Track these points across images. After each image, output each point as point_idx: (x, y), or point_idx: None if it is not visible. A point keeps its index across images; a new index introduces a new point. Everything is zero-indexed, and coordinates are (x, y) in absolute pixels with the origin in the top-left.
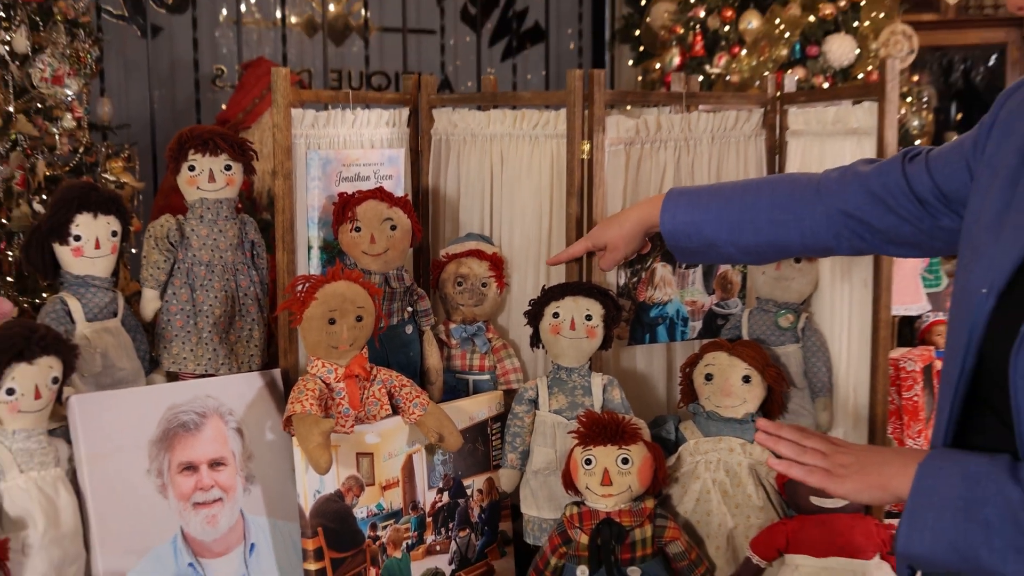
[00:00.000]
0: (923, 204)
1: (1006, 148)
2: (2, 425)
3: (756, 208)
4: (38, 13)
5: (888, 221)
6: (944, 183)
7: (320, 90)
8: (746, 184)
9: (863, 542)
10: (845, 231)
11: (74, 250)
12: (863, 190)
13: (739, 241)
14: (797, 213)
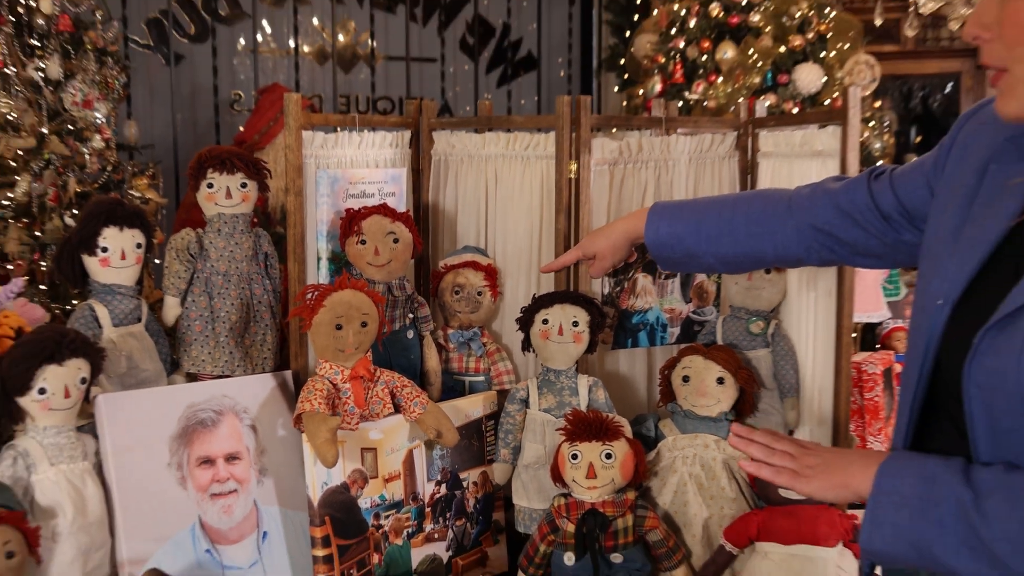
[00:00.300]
0: (887, 219)
1: (964, 168)
2: (34, 422)
3: (733, 222)
4: (70, 42)
5: (855, 235)
6: (907, 200)
7: (329, 114)
8: (724, 199)
9: (827, 531)
10: (815, 244)
11: (101, 260)
12: (832, 206)
13: (718, 252)
14: (771, 227)
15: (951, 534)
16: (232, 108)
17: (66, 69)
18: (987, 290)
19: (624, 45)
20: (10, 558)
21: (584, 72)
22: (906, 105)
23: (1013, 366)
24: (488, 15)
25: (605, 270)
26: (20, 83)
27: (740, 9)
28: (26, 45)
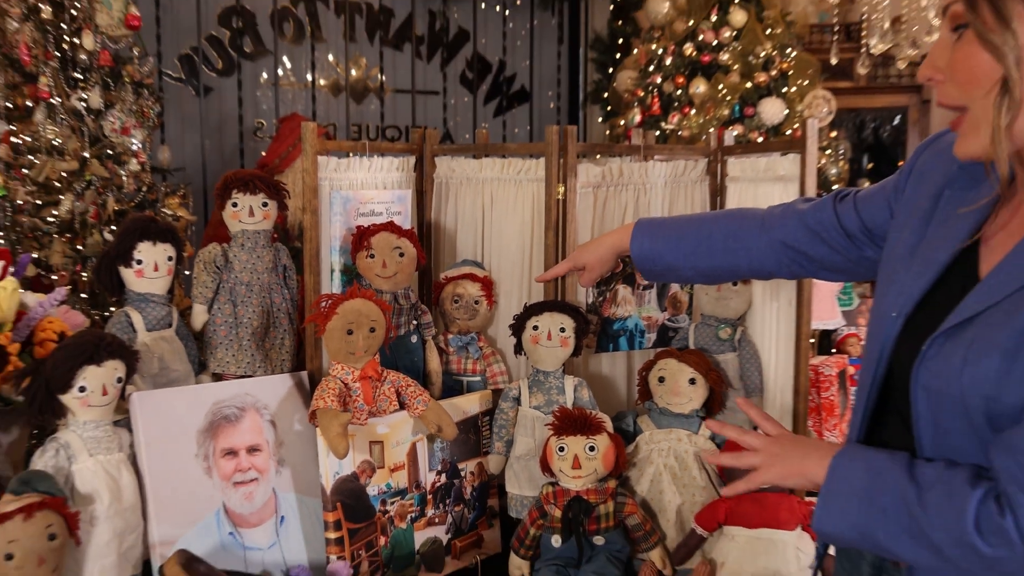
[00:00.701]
0: (851, 238)
1: (921, 192)
2: (75, 417)
3: (711, 238)
4: (110, 75)
5: (821, 251)
6: (869, 220)
7: (342, 141)
8: (702, 217)
9: (787, 516)
10: (785, 259)
11: (137, 272)
12: (801, 225)
13: (696, 265)
14: (745, 243)
15: (893, 522)
16: (255, 135)
17: (106, 100)
18: (937, 304)
19: (607, 80)
20: (52, 539)
21: (571, 104)
22: (859, 135)
23: (956, 372)
24: (485, 53)
25: (594, 279)
26: (65, 112)
27: (711, 49)
28: (70, 78)
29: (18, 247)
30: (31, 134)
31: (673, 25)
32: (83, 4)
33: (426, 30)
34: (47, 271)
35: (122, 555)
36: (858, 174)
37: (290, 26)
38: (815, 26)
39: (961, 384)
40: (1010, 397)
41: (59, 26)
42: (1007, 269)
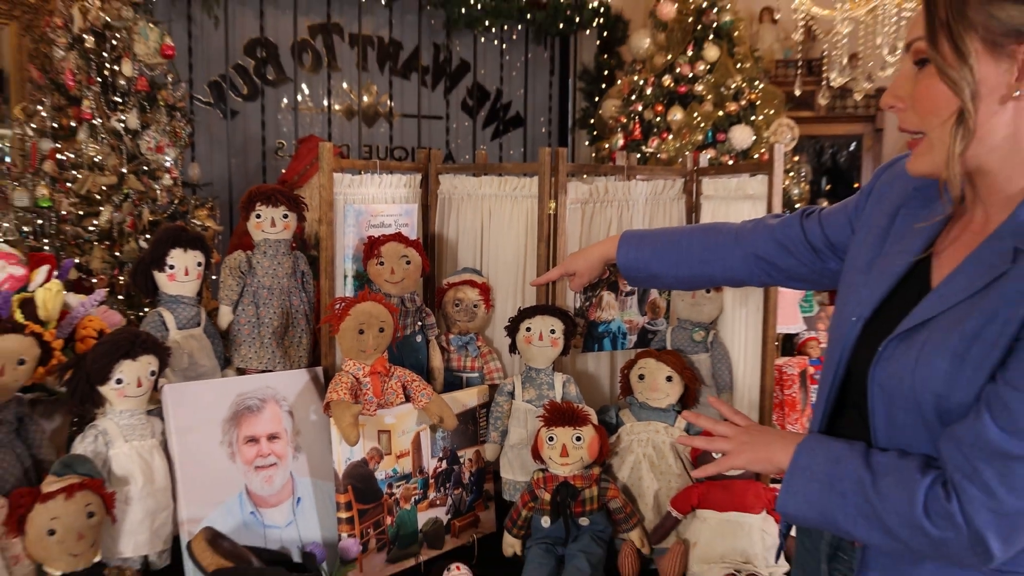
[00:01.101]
0: (816, 251)
1: (879, 211)
2: (112, 406)
3: (690, 250)
4: (146, 99)
5: (789, 263)
6: (832, 235)
7: (355, 160)
8: (682, 230)
9: (754, 501)
10: (756, 269)
11: (169, 276)
12: (771, 239)
13: (676, 274)
14: (720, 254)
15: (851, 505)
16: (276, 154)
17: (143, 121)
18: (893, 310)
19: (594, 108)
20: (91, 517)
21: (561, 129)
22: (819, 160)
23: (909, 371)
24: (484, 82)
25: (583, 284)
26: (105, 132)
27: (687, 80)
28: (110, 101)
29: (62, 253)
30: (75, 151)
31: (653, 59)
32: (122, 35)
33: (431, 61)
34: (88, 275)
35: (154, 532)
36: (817, 194)
37: (309, 57)
38: (780, 61)
39: (913, 382)
40: (958, 395)
41: (101, 54)
42: (957, 280)
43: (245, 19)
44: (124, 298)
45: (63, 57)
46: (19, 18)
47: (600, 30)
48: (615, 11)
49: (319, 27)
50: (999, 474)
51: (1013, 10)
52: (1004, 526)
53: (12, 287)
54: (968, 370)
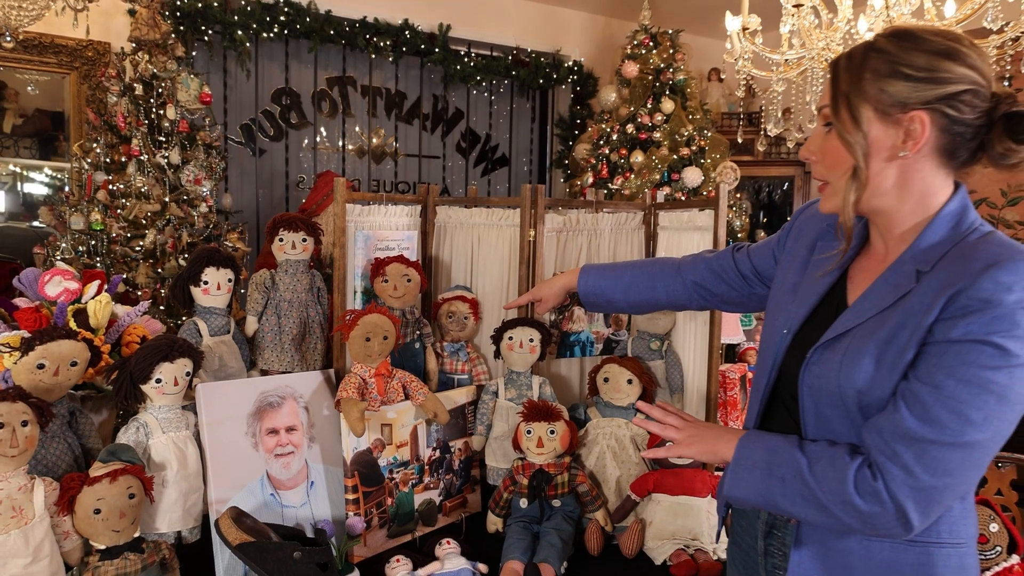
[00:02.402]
0: (745, 279)
1: (800, 243)
2: (152, 402)
3: (639, 279)
4: (186, 139)
5: (721, 289)
6: (759, 265)
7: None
8: (633, 264)
9: (701, 486)
10: (695, 294)
11: (203, 290)
12: (707, 269)
13: (627, 299)
14: (665, 283)
15: (790, 488)
16: (298, 186)
17: (183, 157)
18: (815, 324)
19: (568, 150)
20: (132, 498)
21: (541, 168)
22: (757, 197)
23: (834, 373)
24: (476, 127)
25: (548, 309)
26: (151, 166)
27: (647, 128)
28: (156, 140)
29: (111, 270)
30: (124, 183)
31: (618, 110)
32: (167, 84)
33: (431, 109)
34: (134, 288)
35: (186, 511)
36: (756, 226)
37: (326, 104)
38: (725, 114)
39: (839, 382)
40: (876, 391)
41: (148, 100)
42: (869, 298)
43: (272, 71)
44: (165, 309)
45: (116, 102)
46: (79, 68)
47: (574, 85)
48: (587, 69)
49: (335, 79)
50: (915, 456)
51: (900, 85)
52: (922, 500)
53: (67, 299)
54: (884, 370)
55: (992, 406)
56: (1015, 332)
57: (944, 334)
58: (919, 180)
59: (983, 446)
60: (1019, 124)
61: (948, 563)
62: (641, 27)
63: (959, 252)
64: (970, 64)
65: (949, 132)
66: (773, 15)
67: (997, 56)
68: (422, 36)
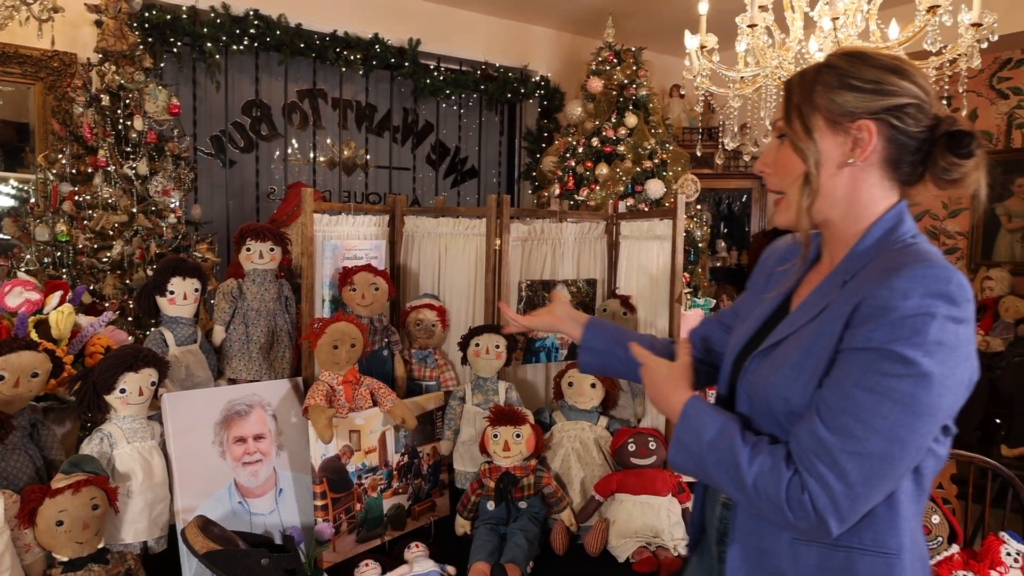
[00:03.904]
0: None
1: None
2: (116, 412)
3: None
4: (155, 150)
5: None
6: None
7: (332, 203)
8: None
9: (661, 486)
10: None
11: (169, 300)
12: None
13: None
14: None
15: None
16: (268, 197)
17: (151, 168)
18: (761, 337)
19: (535, 163)
20: (95, 509)
21: (509, 180)
22: (717, 208)
23: (763, 380)
24: (445, 140)
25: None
26: (118, 177)
27: (611, 142)
28: (123, 151)
29: (78, 280)
30: (91, 194)
31: (584, 124)
32: (134, 95)
33: (401, 122)
34: (101, 300)
35: (152, 521)
36: (716, 236)
37: (297, 116)
38: (686, 128)
39: (766, 389)
40: (798, 399)
41: (115, 111)
42: (803, 308)
43: (242, 84)
44: (133, 320)
45: (81, 113)
46: (44, 79)
47: (541, 99)
48: (553, 84)
49: (306, 91)
50: (828, 465)
51: (848, 96)
52: (839, 508)
53: (28, 310)
54: (803, 378)
55: (898, 415)
56: (915, 340)
57: (849, 342)
58: (866, 189)
59: (891, 455)
60: (960, 141)
61: (874, 571)
62: (605, 44)
63: (878, 261)
64: (914, 81)
65: (894, 143)
66: (730, 34)
67: (936, 77)
68: (392, 50)
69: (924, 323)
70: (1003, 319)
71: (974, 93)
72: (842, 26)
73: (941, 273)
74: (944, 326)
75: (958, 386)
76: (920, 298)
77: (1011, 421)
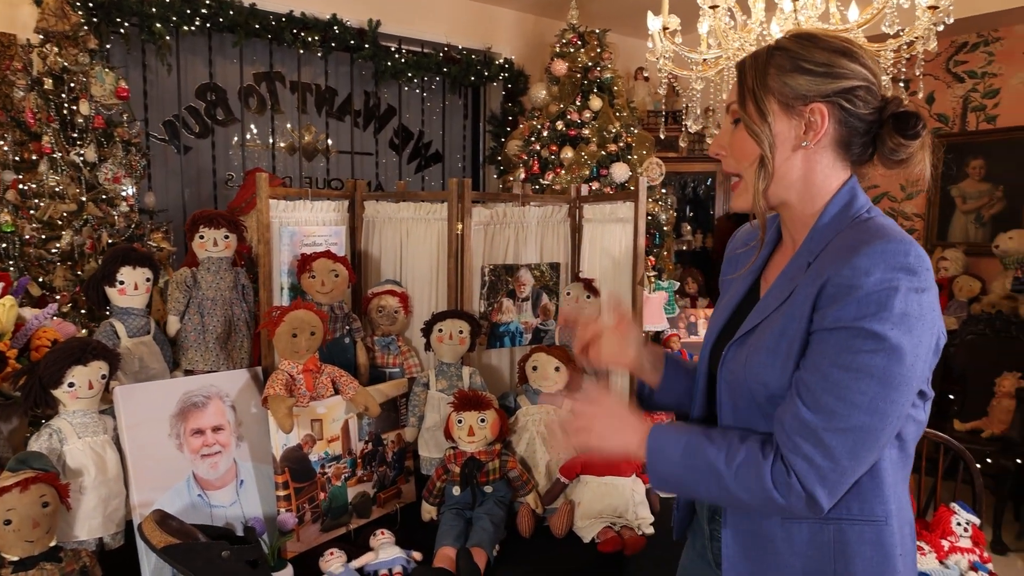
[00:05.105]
0: None
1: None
2: (65, 407)
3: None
4: (103, 135)
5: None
6: None
7: (288, 188)
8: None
9: (626, 467)
10: None
11: (120, 290)
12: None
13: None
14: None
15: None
16: (227, 184)
17: (100, 155)
18: (735, 324)
19: (500, 147)
20: (45, 507)
21: (474, 164)
22: (683, 192)
23: (741, 367)
24: (409, 124)
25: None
26: (65, 164)
27: (576, 125)
28: (69, 137)
29: (25, 272)
30: (36, 182)
31: (548, 107)
32: (79, 78)
33: (362, 106)
34: (51, 292)
35: (107, 516)
36: (681, 219)
37: (254, 100)
38: (650, 112)
39: (746, 376)
40: (777, 383)
41: (60, 95)
42: (772, 293)
43: (195, 66)
44: (85, 312)
45: (23, 97)
46: None
47: (505, 82)
48: (517, 67)
49: (263, 75)
50: (813, 445)
51: (801, 79)
52: (827, 485)
53: None
54: (779, 362)
55: (875, 389)
56: (882, 315)
57: (820, 323)
58: (820, 171)
59: (872, 428)
60: (907, 122)
61: (863, 539)
62: (569, 26)
63: (840, 239)
64: (863, 64)
65: (845, 125)
66: (693, 16)
67: (894, 59)
68: (351, 32)
69: (888, 297)
70: (957, 298)
71: (931, 76)
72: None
73: (899, 247)
74: (908, 297)
75: (927, 353)
76: (882, 273)
77: (964, 397)
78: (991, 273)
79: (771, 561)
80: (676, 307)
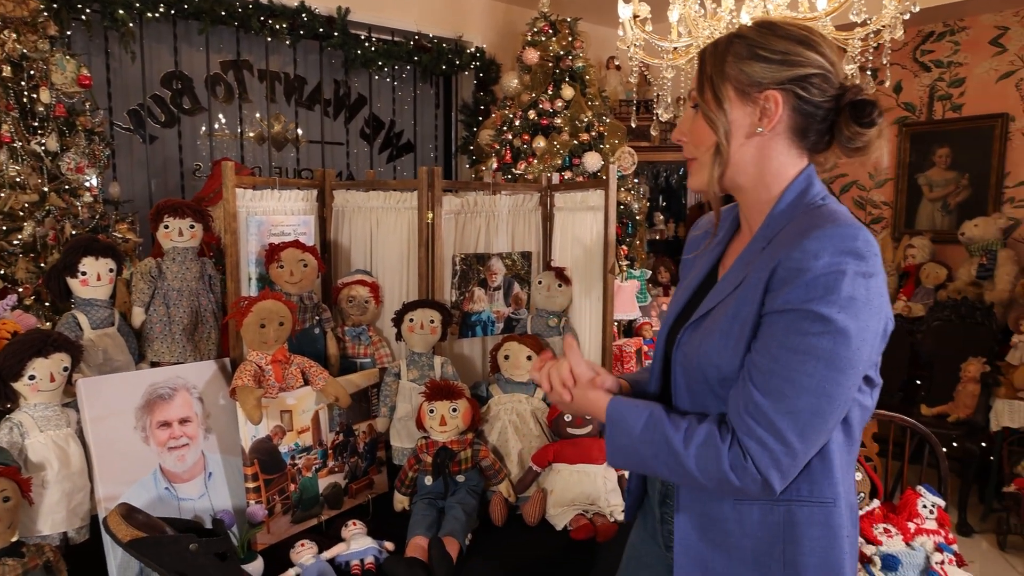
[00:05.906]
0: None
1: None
2: (26, 400)
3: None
4: (65, 124)
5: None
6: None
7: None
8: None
9: (598, 455)
10: None
11: (81, 281)
12: None
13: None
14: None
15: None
16: (194, 175)
17: (62, 144)
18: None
19: (472, 136)
20: (6, 501)
21: (446, 154)
22: (655, 181)
23: (696, 350)
24: (380, 113)
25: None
26: (25, 153)
27: (548, 115)
28: (30, 126)
29: None
30: None
31: (520, 96)
32: (39, 66)
33: (332, 95)
34: (13, 284)
35: (71, 511)
36: (655, 208)
37: (222, 89)
38: (622, 101)
39: (699, 358)
40: (729, 365)
41: (19, 83)
42: (728, 277)
43: (161, 54)
44: (49, 304)
45: None
46: None
47: (477, 71)
48: (489, 56)
49: (230, 63)
50: (765, 427)
51: (757, 67)
52: (780, 466)
53: None
54: (732, 344)
55: (822, 371)
56: (830, 298)
57: (770, 306)
58: (775, 158)
59: (821, 410)
60: (864, 110)
61: (812, 520)
62: (541, 15)
63: (793, 225)
64: (821, 52)
65: (800, 112)
66: (664, 4)
67: (862, 48)
68: (320, 19)
69: (836, 280)
70: (924, 285)
71: (899, 66)
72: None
73: (848, 232)
74: (855, 281)
75: (874, 338)
76: (830, 256)
77: (930, 382)
78: (957, 260)
79: (722, 542)
80: (648, 296)
